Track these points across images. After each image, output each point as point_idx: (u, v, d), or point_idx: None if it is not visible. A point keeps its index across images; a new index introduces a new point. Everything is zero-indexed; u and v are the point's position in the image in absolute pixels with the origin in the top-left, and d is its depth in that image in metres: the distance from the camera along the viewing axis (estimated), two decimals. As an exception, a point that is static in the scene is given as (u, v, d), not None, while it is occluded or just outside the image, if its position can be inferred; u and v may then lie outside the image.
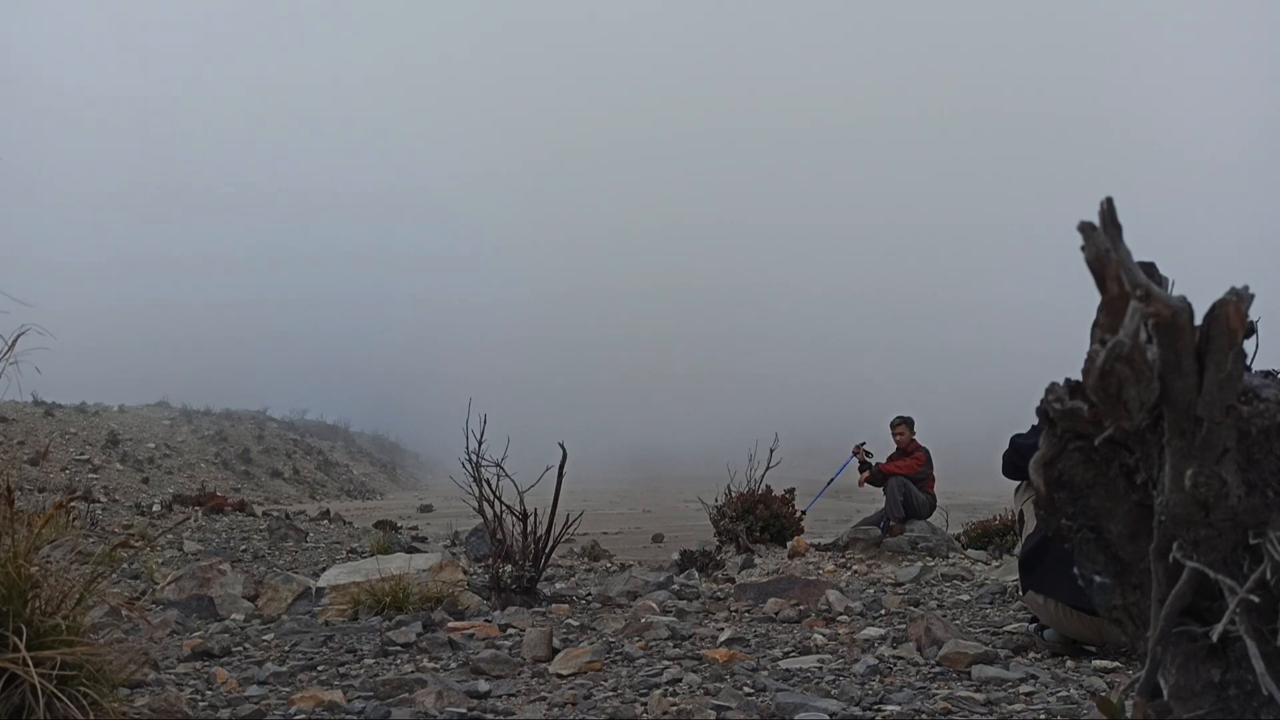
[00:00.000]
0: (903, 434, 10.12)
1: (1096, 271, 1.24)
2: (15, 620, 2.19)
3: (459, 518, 16.57)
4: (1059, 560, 3.77)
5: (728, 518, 9.76)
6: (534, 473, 5.79)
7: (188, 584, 5.48)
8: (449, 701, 2.79)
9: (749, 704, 2.78)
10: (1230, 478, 1.24)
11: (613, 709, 2.79)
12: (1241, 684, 1.27)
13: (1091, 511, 1.39)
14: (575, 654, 3.42)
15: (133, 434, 32.14)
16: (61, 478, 24.02)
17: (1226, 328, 1.20)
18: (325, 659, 3.61)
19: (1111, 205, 1.23)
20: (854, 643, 3.84)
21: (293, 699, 2.87)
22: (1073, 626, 3.72)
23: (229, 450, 34.95)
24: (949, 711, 2.71)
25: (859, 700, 2.83)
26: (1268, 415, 1.26)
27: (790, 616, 4.60)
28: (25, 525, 2.40)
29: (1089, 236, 1.23)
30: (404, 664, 3.54)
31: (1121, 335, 1.19)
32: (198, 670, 3.41)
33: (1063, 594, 3.67)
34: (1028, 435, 4.29)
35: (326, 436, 46.50)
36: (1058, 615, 3.75)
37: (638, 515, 24.23)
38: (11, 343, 2.41)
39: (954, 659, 3.29)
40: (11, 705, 2.11)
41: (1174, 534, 1.26)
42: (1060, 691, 2.96)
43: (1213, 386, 1.21)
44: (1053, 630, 3.87)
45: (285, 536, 11.45)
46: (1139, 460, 1.33)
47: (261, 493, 31.50)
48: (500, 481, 5.79)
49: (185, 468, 31.48)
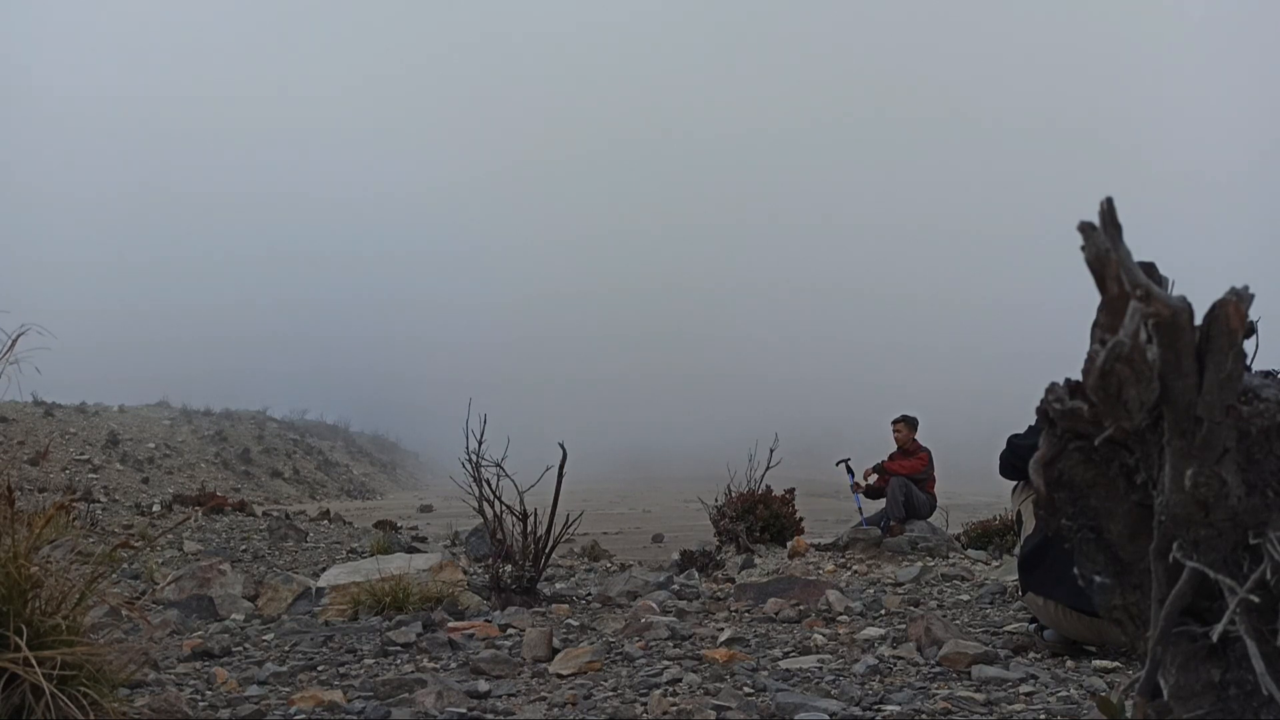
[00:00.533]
0: (900, 432, 10.12)
1: (1096, 271, 1.24)
2: (16, 620, 2.19)
3: (459, 518, 16.57)
4: (1058, 561, 3.79)
5: (728, 518, 9.76)
6: (534, 473, 5.80)
7: (188, 584, 5.48)
8: (449, 701, 2.79)
9: (749, 704, 2.78)
10: (1230, 478, 1.24)
11: (613, 709, 2.79)
12: (1241, 684, 1.27)
13: (1091, 511, 1.39)
14: (575, 654, 3.42)
15: (133, 434, 32.14)
16: (61, 478, 24.02)
17: (1226, 328, 1.20)
18: (325, 659, 3.61)
19: (1111, 205, 1.23)
20: (854, 643, 3.84)
21: (293, 699, 2.87)
22: (1072, 627, 3.73)
23: (229, 450, 34.95)
24: (949, 711, 2.71)
25: (859, 700, 2.83)
26: (1268, 415, 1.26)
27: (790, 616, 4.60)
28: (26, 525, 2.40)
29: (1089, 236, 1.23)
30: (404, 664, 3.55)
31: (1121, 335, 1.19)
32: (198, 670, 3.42)
33: (1062, 595, 3.68)
34: (1025, 435, 4.31)
35: (326, 436, 46.51)
36: (1057, 616, 3.76)
37: (638, 515, 24.24)
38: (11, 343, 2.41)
39: (954, 659, 3.29)
40: (12, 705, 2.11)
41: (1174, 534, 1.26)
42: (1060, 691, 2.96)
43: (1213, 386, 1.21)
44: (1052, 631, 3.87)
45: (285, 536, 11.45)
46: (1139, 460, 1.33)
47: (261, 493, 31.50)
48: (500, 481, 5.79)
49: (185, 468, 31.48)
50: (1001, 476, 4.69)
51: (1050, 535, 4.21)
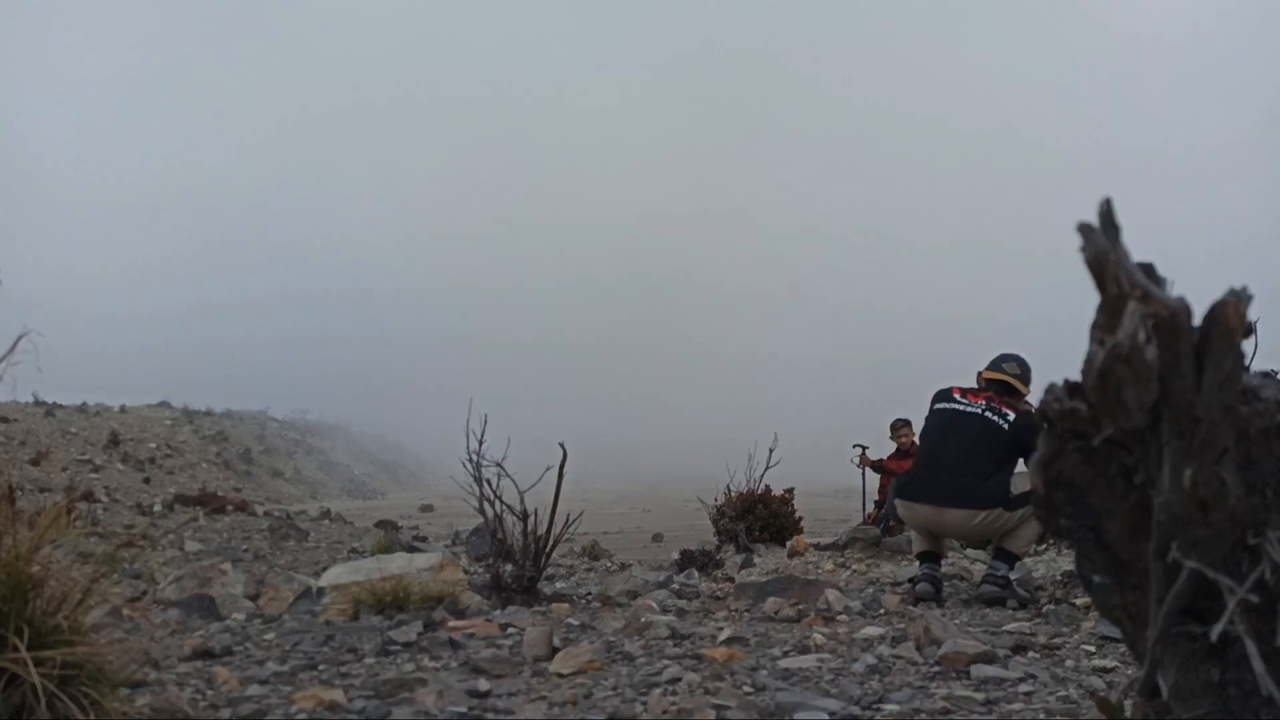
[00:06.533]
0: (905, 436, 10.16)
1: (1095, 272, 1.24)
2: (16, 620, 2.19)
3: (459, 517, 16.57)
4: (917, 479, 5.35)
5: (727, 517, 9.76)
6: (534, 473, 5.80)
7: (189, 584, 5.48)
8: (449, 700, 2.79)
9: (748, 703, 2.78)
10: (1229, 478, 1.24)
11: (613, 708, 2.79)
12: (1241, 684, 1.27)
13: (1090, 511, 1.39)
14: (575, 653, 3.42)
15: (134, 434, 32.13)
16: (62, 478, 24.01)
17: (1225, 328, 1.20)
18: (326, 658, 3.61)
19: (1110, 206, 1.23)
20: (853, 642, 3.84)
21: (294, 698, 2.87)
22: (918, 518, 5.31)
23: (230, 450, 34.95)
24: (948, 711, 2.72)
25: (858, 699, 2.83)
26: (1267, 415, 1.26)
27: (789, 616, 4.60)
28: (27, 525, 2.41)
29: (1088, 237, 1.23)
30: (405, 663, 3.55)
31: (1120, 336, 1.19)
32: (199, 670, 3.42)
33: (913, 495, 5.30)
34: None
35: (327, 436, 46.51)
36: (911, 512, 5.34)
37: (638, 515, 24.23)
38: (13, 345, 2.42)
39: (953, 658, 3.29)
40: (12, 705, 2.12)
41: (1173, 534, 1.27)
42: (1060, 691, 2.97)
43: (1212, 387, 1.22)
44: (924, 584, 5.29)
45: (286, 536, 11.46)
46: (1138, 460, 1.33)
47: (262, 492, 31.52)
48: (501, 481, 5.79)
49: (186, 468, 31.48)
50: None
51: (922, 463, 5.49)
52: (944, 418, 5.43)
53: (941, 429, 5.41)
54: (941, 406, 5.49)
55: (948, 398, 5.50)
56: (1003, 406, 5.31)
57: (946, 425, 5.38)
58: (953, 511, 5.16)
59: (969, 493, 5.08)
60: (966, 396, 5.42)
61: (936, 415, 5.52)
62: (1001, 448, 5.19)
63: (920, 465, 5.47)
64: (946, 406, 5.46)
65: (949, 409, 5.43)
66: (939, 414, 5.50)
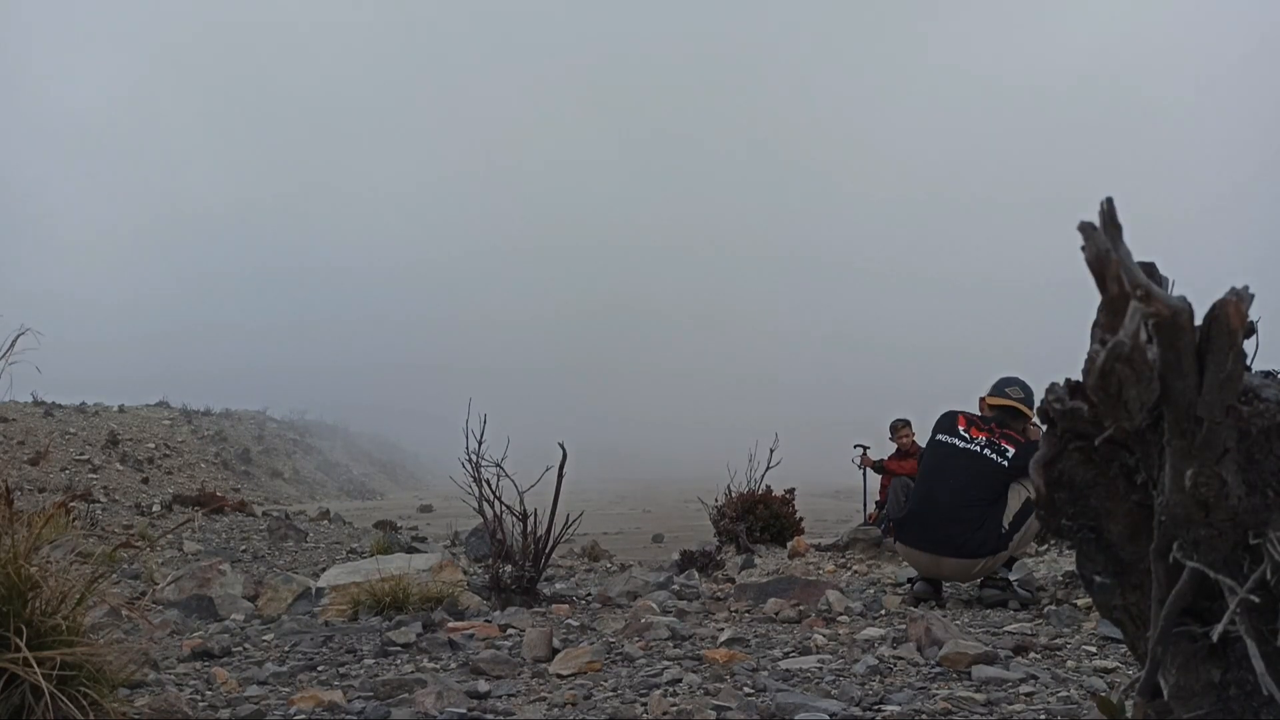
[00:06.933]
0: (907, 436, 10.18)
1: (1097, 271, 1.24)
2: (16, 620, 2.19)
3: (459, 518, 16.55)
4: (915, 522, 5.28)
5: (728, 518, 9.76)
6: (534, 473, 5.80)
7: (188, 584, 5.48)
8: (449, 702, 2.79)
9: (749, 704, 2.78)
10: (1230, 478, 1.24)
11: (613, 709, 2.79)
12: (1241, 684, 1.27)
13: (1091, 511, 1.39)
14: (575, 654, 3.42)
15: (132, 434, 32.10)
16: (61, 478, 23.97)
17: (1227, 328, 1.20)
18: (325, 659, 3.61)
19: (1111, 205, 1.23)
20: (854, 643, 3.84)
21: (293, 699, 2.87)
22: (920, 563, 5.30)
23: (229, 450, 34.93)
24: (949, 712, 2.71)
25: (859, 700, 2.83)
26: (1268, 415, 1.26)
27: (790, 617, 4.60)
28: (26, 525, 2.40)
29: (1089, 236, 1.23)
30: (404, 664, 3.54)
31: (1121, 335, 1.19)
32: (198, 670, 3.41)
33: (911, 540, 5.29)
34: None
35: (326, 436, 46.51)
36: (914, 556, 5.32)
37: (638, 515, 24.23)
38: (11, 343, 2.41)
39: (954, 659, 3.28)
40: (12, 705, 2.11)
41: (1174, 534, 1.26)
42: (1060, 691, 2.96)
43: (1213, 386, 1.21)
44: (922, 585, 5.32)
45: (285, 536, 11.46)
46: (1139, 460, 1.33)
47: (261, 493, 31.50)
48: (500, 482, 5.79)
49: (185, 468, 31.45)
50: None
51: (916, 506, 5.31)
52: (940, 456, 5.29)
53: (937, 468, 5.28)
54: (941, 439, 5.34)
55: (950, 429, 5.34)
56: (1003, 441, 5.17)
57: (941, 464, 5.25)
58: (950, 561, 5.11)
59: (963, 543, 5.02)
60: (970, 430, 5.26)
61: (934, 450, 5.38)
62: (999, 484, 5.09)
63: (915, 506, 5.34)
64: (946, 441, 5.30)
65: (948, 445, 5.28)
66: (936, 449, 5.35)
